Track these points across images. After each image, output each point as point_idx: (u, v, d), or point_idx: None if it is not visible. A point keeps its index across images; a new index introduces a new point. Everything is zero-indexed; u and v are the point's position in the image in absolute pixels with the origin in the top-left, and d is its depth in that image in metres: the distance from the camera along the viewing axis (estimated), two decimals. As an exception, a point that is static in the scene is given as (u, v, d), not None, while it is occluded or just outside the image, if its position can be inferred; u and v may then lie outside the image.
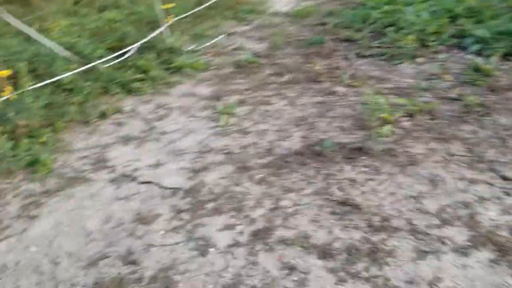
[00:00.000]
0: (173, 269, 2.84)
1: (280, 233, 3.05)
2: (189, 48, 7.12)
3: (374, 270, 2.67)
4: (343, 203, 3.28)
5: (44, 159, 4.12)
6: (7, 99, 4.23)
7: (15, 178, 4.01)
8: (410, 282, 2.57)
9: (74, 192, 3.77)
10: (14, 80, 4.49)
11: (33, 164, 4.13)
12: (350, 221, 3.09)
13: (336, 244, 2.89)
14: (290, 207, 3.31)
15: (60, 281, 2.84)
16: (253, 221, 3.20)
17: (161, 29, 7.05)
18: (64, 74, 5.21)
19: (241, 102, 5.17)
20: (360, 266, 2.71)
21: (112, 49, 6.43)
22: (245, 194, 3.52)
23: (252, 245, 2.97)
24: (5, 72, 4.21)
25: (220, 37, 8.04)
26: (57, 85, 5.22)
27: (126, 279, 2.79)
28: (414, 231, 2.95)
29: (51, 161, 4.18)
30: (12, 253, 3.12)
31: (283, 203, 3.36)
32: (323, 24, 8.12)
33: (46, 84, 4.89)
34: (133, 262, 2.93)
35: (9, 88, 4.24)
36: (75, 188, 3.83)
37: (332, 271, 2.70)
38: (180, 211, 3.40)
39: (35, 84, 4.63)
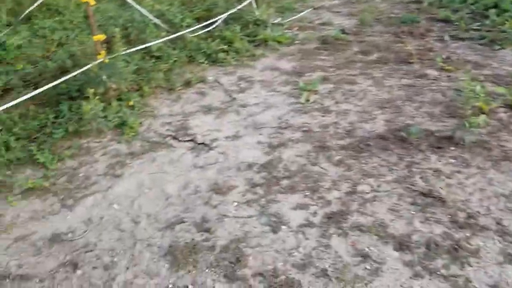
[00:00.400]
0: (245, 242, 2.87)
1: (355, 218, 2.96)
2: (275, 21, 7.04)
3: (454, 269, 2.51)
4: (426, 194, 3.11)
5: (131, 122, 4.32)
6: (101, 62, 4.44)
7: (104, 138, 4.25)
8: (494, 286, 2.40)
9: (156, 157, 3.91)
10: (107, 44, 4.69)
11: (121, 126, 4.35)
12: (432, 214, 2.93)
13: (415, 237, 2.76)
14: (368, 192, 3.20)
15: (138, 239, 2.99)
16: (328, 203, 3.14)
17: (249, 0, 7.02)
18: (154, 41, 5.38)
19: (324, 80, 5.05)
20: (439, 262, 2.56)
21: (199, 19, 6.54)
22: (322, 174, 3.45)
23: (326, 227, 2.91)
24: (101, 37, 4.41)
25: (307, 10, 7.87)
26: (147, 51, 5.41)
27: (199, 246, 2.87)
28: (502, 232, 2.73)
29: (137, 124, 4.37)
30: (97, 208, 3.33)
31: (361, 187, 3.26)
32: (418, 1, 7.71)
33: (137, 50, 5.08)
34: (207, 230, 3.00)
35: (103, 52, 4.45)
36: (158, 152, 3.97)
37: (408, 264, 2.58)
38: (254, 185, 3.41)
39: (127, 49, 4.81)
